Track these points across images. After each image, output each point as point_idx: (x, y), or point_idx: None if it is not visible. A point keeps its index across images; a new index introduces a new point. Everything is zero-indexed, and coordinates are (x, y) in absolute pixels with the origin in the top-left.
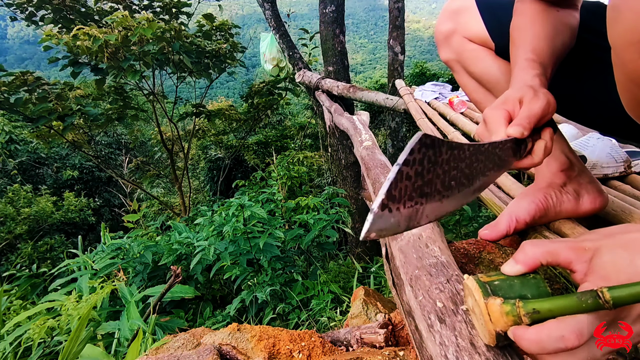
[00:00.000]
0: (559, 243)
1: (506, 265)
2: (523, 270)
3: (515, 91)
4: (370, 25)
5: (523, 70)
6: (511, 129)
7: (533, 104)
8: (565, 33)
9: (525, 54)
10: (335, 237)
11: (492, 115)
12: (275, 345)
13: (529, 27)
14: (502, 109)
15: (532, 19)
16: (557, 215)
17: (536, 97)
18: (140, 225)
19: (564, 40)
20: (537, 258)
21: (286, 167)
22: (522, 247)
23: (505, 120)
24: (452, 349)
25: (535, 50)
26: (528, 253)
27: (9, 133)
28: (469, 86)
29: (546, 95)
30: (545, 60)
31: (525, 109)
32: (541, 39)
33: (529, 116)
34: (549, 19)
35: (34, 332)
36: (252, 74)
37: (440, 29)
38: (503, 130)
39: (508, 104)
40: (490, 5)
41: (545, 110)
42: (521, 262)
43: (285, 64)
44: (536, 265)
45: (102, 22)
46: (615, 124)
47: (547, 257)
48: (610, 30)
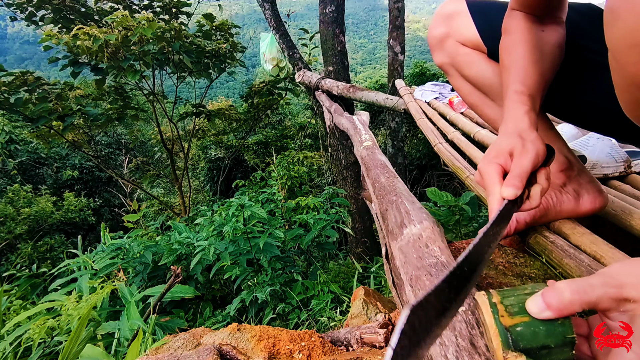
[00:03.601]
0: (599, 288)
1: (533, 303)
2: (553, 317)
3: (506, 141)
4: (370, 25)
5: (513, 105)
6: (505, 192)
7: (522, 159)
8: (553, 53)
9: (514, 85)
10: (335, 237)
11: (486, 171)
12: (275, 345)
13: (518, 50)
14: (495, 163)
15: (520, 41)
16: (557, 215)
17: (524, 150)
18: (140, 225)
19: (553, 60)
20: (573, 308)
21: (286, 167)
22: (556, 288)
23: (499, 176)
24: (452, 349)
25: (524, 80)
26: (563, 300)
27: (9, 133)
28: (463, 89)
29: (534, 145)
30: (533, 89)
31: (515, 167)
32: (529, 63)
33: (520, 174)
34: (535, 40)
35: (34, 332)
36: (252, 74)
37: (433, 34)
38: (498, 190)
39: (500, 157)
40: (482, 9)
41: (535, 161)
42: (554, 309)
43: (285, 64)
44: (571, 314)
45: (102, 22)
46: (613, 126)
47: (584, 306)
48: (608, 33)
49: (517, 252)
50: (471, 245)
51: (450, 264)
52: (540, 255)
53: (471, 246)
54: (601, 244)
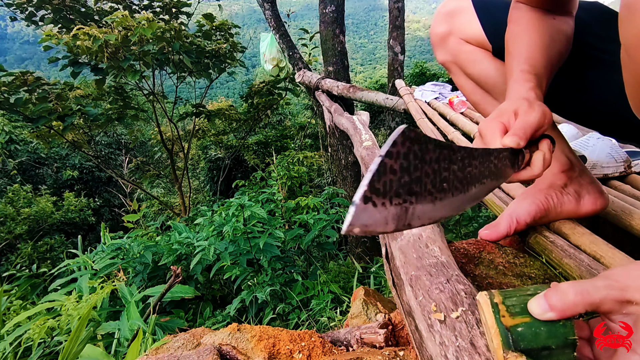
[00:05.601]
0: (602, 290)
1: (535, 304)
2: (555, 318)
3: (510, 104)
4: (370, 25)
5: (518, 83)
6: (507, 139)
7: (528, 115)
8: (561, 41)
9: (520, 66)
10: (335, 237)
11: (487, 127)
12: (275, 345)
13: (524, 36)
14: (497, 121)
15: (527, 28)
16: (557, 216)
17: (531, 108)
18: (140, 225)
19: (560, 49)
20: (576, 309)
21: (286, 167)
22: (559, 289)
23: (501, 132)
24: (452, 349)
25: (530, 61)
26: (567, 301)
27: (9, 133)
28: (466, 87)
29: (541, 107)
30: (540, 71)
31: (520, 120)
32: (536, 48)
33: (525, 127)
34: (544, 27)
35: (34, 332)
36: (252, 74)
37: (435, 31)
38: (498, 142)
39: (503, 116)
40: (487, 6)
41: (541, 121)
42: (557, 310)
43: (285, 64)
44: (573, 315)
45: (102, 22)
46: (615, 124)
47: (587, 308)
48: (623, 29)
49: (517, 252)
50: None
51: (450, 264)
52: (540, 255)
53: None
54: (601, 244)
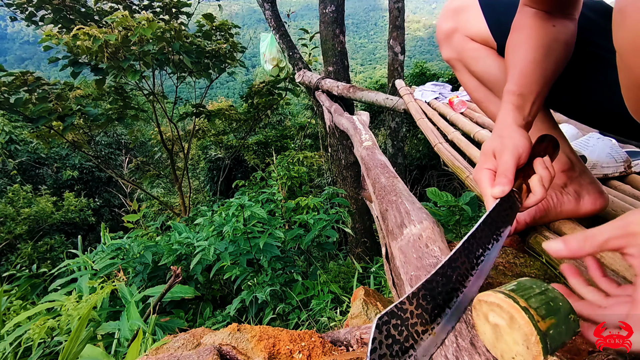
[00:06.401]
0: (608, 229)
1: (555, 244)
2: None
3: (489, 143)
4: (370, 25)
5: (502, 105)
6: (493, 192)
7: (503, 157)
8: (559, 50)
9: (508, 85)
10: (335, 237)
11: (478, 179)
12: (275, 346)
13: (522, 48)
14: (484, 169)
15: (526, 40)
16: (557, 216)
17: (503, 147)
18: (140, 225)
19: (558, 57)
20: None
21: (286, 167)
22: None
23: (490, 180)
24: (452, 349)
25: (521, 79)
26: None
27: (9, 133)
28: (470, 85)
29: (512, 139)
30: (530, 88)
31: (499, 166)
32: (530, 64)
33: (504, 171)
34: (542, 37)
35: (34, 332)
36: (252, 74)
37: (441, 28)
38: (489, 193)
39: (487, 162)
40: (492, 4)
41: (515, 155)
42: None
43: (285, 64)
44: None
45: (102, 22)
46: (616, 123)
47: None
48: (616, 33)
49: (517, 252)
50: (453, 251)
51: None
52: (540, 255)
53: (453, 251)
54: None
